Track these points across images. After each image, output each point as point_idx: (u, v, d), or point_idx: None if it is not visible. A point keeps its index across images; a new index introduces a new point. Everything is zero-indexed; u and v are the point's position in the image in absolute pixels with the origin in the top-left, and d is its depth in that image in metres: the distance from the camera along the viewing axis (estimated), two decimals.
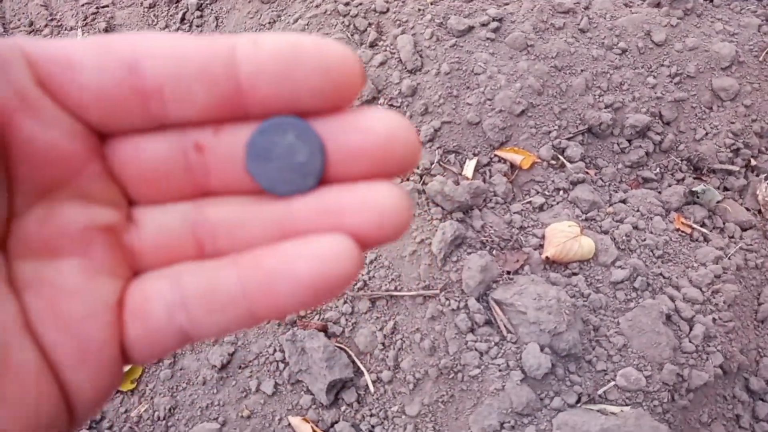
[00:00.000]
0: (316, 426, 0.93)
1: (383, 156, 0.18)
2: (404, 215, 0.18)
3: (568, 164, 1.10)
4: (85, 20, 1.27)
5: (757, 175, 1.16)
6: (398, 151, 0.18)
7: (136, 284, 0.19)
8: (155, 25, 1.28)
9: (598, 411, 0.88)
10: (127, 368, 0.92)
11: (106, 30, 1.25)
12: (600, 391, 0.90)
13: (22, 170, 0.18)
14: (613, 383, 0.91)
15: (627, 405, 0.90)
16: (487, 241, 1.02)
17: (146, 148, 0.19)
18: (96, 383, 0.19)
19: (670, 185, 1.14)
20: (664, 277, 1.01)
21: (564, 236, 1.00)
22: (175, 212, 0.20)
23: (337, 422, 0.93)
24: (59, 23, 1.29)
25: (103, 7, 1.29)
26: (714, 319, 0.98)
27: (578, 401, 0.90)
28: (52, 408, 0.18)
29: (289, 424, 0.94)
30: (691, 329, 0.96)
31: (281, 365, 0.97)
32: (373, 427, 0.93)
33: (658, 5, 1.24)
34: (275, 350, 0.98)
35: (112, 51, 0.18)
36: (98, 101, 0.18)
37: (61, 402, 0.18)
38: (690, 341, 0.95)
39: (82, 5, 1.28)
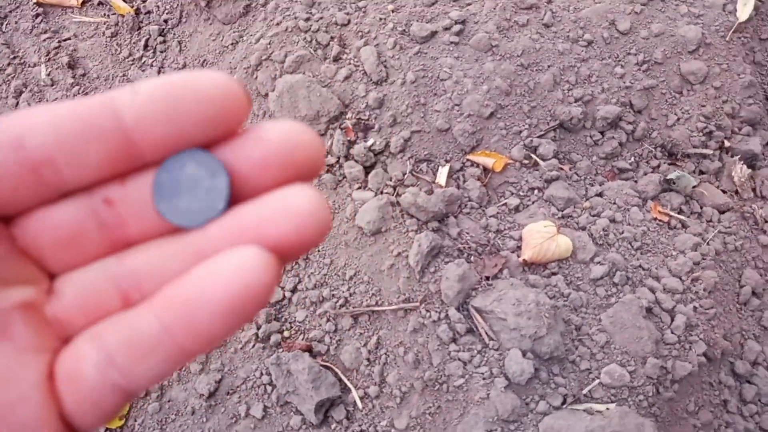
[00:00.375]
0: None
1: (286, 161, 0.19)
2: (321, 215, 0.18)
3: (541, 162, 1.10)
4: (47, 55, 1.27)
5: (732, 156, 1.16)
6: (299, 154, 0.19)
7: (63, 353, 0.19)
8: (119, 54, 1.27)
9: (584, 411, 0.89)
10: None
11: (69, 64, 1.24)
12: (585, 391, 0.91)
13: None
14: (597, 381, 0.91)
15: (613, 402, 0.90)
16: (464, 248, 1.02)
17: (53, 217, 0.19)
18: None
19: (646, 173, 1.14)
20: (643, 269, 1.01)
21: (541, 237, 1.00)
22: (96, 271, 0.20)
23: None
24: (22, 60, 1.28)
25: (65, 40, 1.28)
26: (695, 308, 0.98)
27: (564, 402, 0.90)
28: None
29: None
30: (672, 320, 0.96)
31: (269, 388, 0.98)
32: None
33: None
34: (262, 374, 0.99)
35: None
36: None
37: None
38: (672, 332, 0.95)
39: (44, 40, 1.27)
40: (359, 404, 0.96)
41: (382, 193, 1.05)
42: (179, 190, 0.19)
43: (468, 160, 1.10)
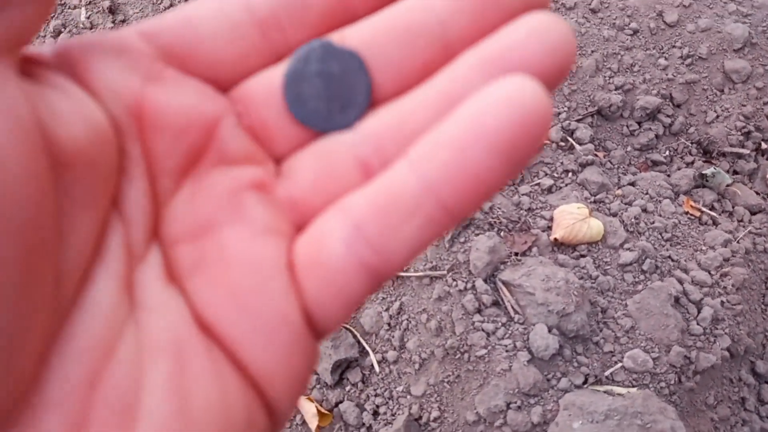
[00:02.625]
0: (321, 405, 0.94)
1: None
2: (569, 35, 0.16)
3: (577, 146, 1.09)
4: None
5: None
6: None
7: (303, 236, 0.17)
8: (159, 3, 1.26)
9: (604, 392, 0.88)
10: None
11: (110, 9, 1.24)
12: (607, 373, 0.90)
13: (158, 149, 0.17)
14: (620, 365, 0.91)
15: (634, 386, 0.90)
16: (495, 222, 1.01)
17: (273, 77, 0.18)
18: (288, 368, 0.16)
19: (679, 168, 1.13)
20: (672, 260, 1.00)
21: (573, 218, 0.99)
22: (328, 144, 0.18)
23: (341, 402, 0.94)
24: (63, 2, 1.28)
25: None
26: (722, 302, 0.97)
27: (585, 382, 0.89)
28: (246, 412, 0.16)
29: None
30: (699, 312, 0.95)
31: None
32: (377, 407, 0.93)
33: None
34: None
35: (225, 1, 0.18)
36: (218, 48, 0.17)
37: (255, 402, 0.16)
38: (698, 324, 0.94)
39: None
40: (376, 368, 0.95)
41: None
42: (314, 91, 0.18)
43: None
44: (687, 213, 1.08)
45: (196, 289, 0.16)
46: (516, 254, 0.98)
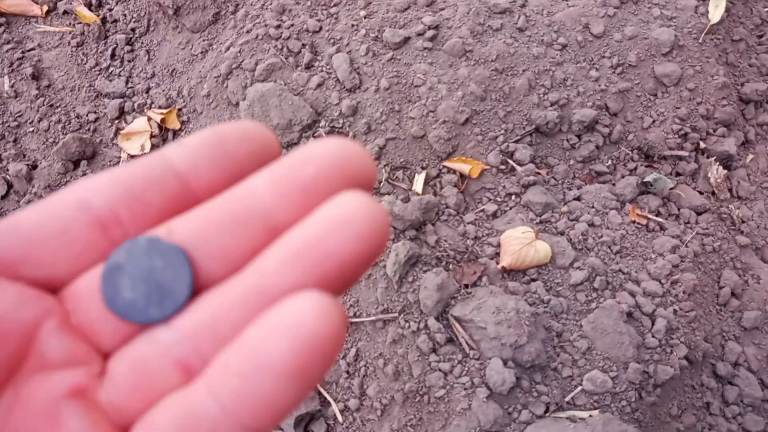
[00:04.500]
0: None
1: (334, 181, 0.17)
2: (381, 217, 0.16)
3: (517, 167, 1.09)
4: (11, 66, 1.23)
5: (708, 158, 1.16)
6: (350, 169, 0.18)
7: None
8: (85, 63, 1.23)
9: (567, 418, 0.88)
10: None
11: (33, 75, 1.20)
12: (567, 398, 0.90)
13: None
14: (579, 388, 0.90)
15: (596, 408, 0.89)
16: (442, 255, 1.00)
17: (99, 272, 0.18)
18: None
19: (623, 176, 1.13)
20: (623, 273, 1.00)
21: (519, 243, 0.99)
22: (147, 342, 0.18)
23: None
24: None
25: (28, 50, 1.24)
26: (675, 311, 0.97)
27: (546, 411, 0.89)
28: None
29: None
30: (653, 324, 0.95)
31: None
32: None
33: None
34: None
35: (57, 200, 0.18)
36: (50, 251, 0.17)
37: None
38: (653, 336, 0.94)
39: (6, 51, 1.24)
40: (339, 417, 0.94)
41: None
42: (132, 283, 0.18)
43: (444, 166, 1.08)
44: (634, 222, 1.08)
45: None
46: (466, 286, 0.97)
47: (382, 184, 1.05)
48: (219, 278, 0.18)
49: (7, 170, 1.16)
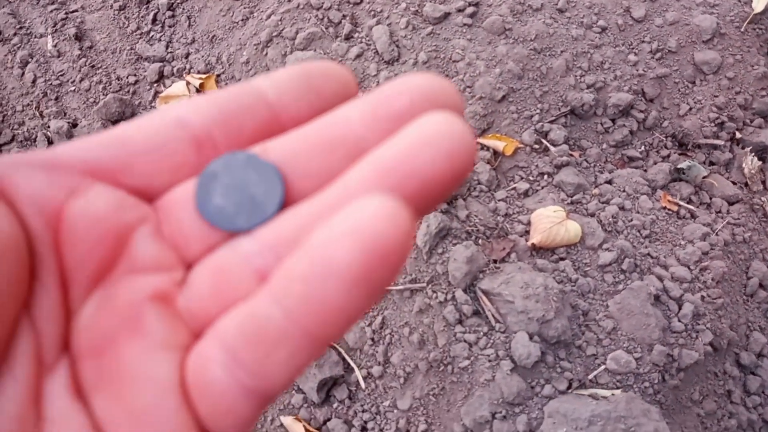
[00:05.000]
0: (309, 424, 0.94)
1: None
2: (468, 138, 0.16)
3: (551, 148, 1.09)
4: (54, 26, 1.25)
5: (743, 148, 1.15)
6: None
7: (192, 353, 0.17)
8: (126, 27, 1.25)
9: (589, 396, 0.88)
10: None
11: (76, 36, 1.23)
12: (591, 376, 0.90)
13: (73, 258, 0.17)
14: (603, 367, 0.91)
15: (618, 388, 0.90)
16: (472, 230, 1.01)
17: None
18: None
19: (655, 163, 1.13)
20: (651, 257, 1.00)
21: (549, 221, 0.99)
22: (228, 251, 0.18)
23: (329, 419, 0.94)
24: (28, 31, 1.27)
25: (72, 12, 1.26)
26: (702, 297, 0.97)
27: (569, 387, 0.90)
28: None
29: (282, 424, 0.94)
30: (680, 308, 0.95)
31: None
32: (365, 422, 0.93)
33: None
34: None
35: (158, 116, 0.19)
36: (150, 162, 0.18)
37: None
38: (679, 320, 0.94)
39: (51, 11, 1.26)
40: (362, 384, 0.95)
41: None
42: (224, 191, 0.18)
43: (478, 143, 1.09)
44: (665, 208, 1.08)
45: (98, 406, 0.17)
46: (494, 262, 0.98)
47: None
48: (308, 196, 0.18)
49: (48, 127, 1.19)
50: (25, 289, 0.16)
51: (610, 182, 1.10)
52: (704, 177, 1.11)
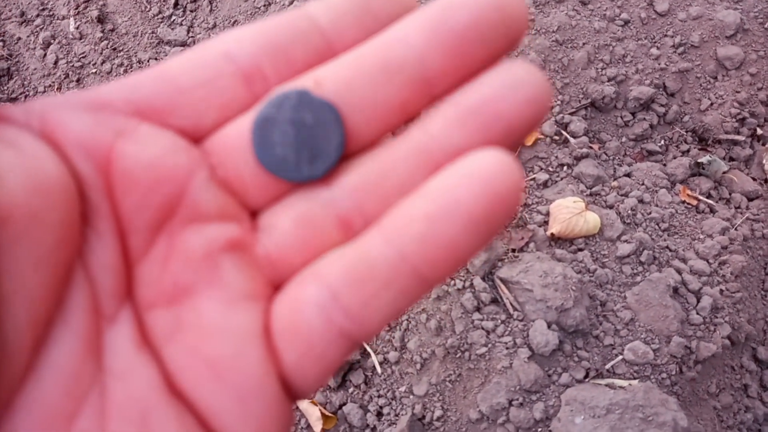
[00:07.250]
0: (324, 408, 0.94)
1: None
2: (544, 82, 0.16)
3: (571, 139, 1.09)
4: (77, 9, 1.26)
5: (764, 144, 1.14)
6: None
7: (280, 299, 0.17)
8: (148, 11, 1.26)
9: (606, 385, 0.88)
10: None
11: (98, 18, 1.23)
12: (608, 366, 0.90)
13: (128, 205, 0.16)
14: (620, 357, 0.91)
15: (635, 378, 0.90)
16: None
17: (245, 124, 0.18)
18: None
19: (675, 157, 1.13)
20: (670, 250, 1.00)
21: (569, 212, 0.99)
22: (306, 199, 0.17)
23: (345, 404, 0.94)
24: (51, 12, 1.27)
25: None
26: (721, 291, 0.97)
27: (586, 376, 0.90)
28: None
29: (297, 408, 0.94)
30: (698, 301, 0.95)
31: None
32: (381, 407, 0.93)
33: None
34: None
35: (203, 50, 0.18)
36: (198, 100, 0.17)
37: None
38: (697, 313, 0.94)
39: None
40: (378, 369, 0.96)
41: None
42: (283, 138, 0.17)
43: None
44: (684, 202, 1.08)
45: (171, 356, 0.16)
46: (513, 251, 0.98)
47: None
48: (368, 133, 0.17)
49: None
50: (78, 236, 0.15)
51: (629, 175, 1.09)
52: (724, 172, 1.11)
